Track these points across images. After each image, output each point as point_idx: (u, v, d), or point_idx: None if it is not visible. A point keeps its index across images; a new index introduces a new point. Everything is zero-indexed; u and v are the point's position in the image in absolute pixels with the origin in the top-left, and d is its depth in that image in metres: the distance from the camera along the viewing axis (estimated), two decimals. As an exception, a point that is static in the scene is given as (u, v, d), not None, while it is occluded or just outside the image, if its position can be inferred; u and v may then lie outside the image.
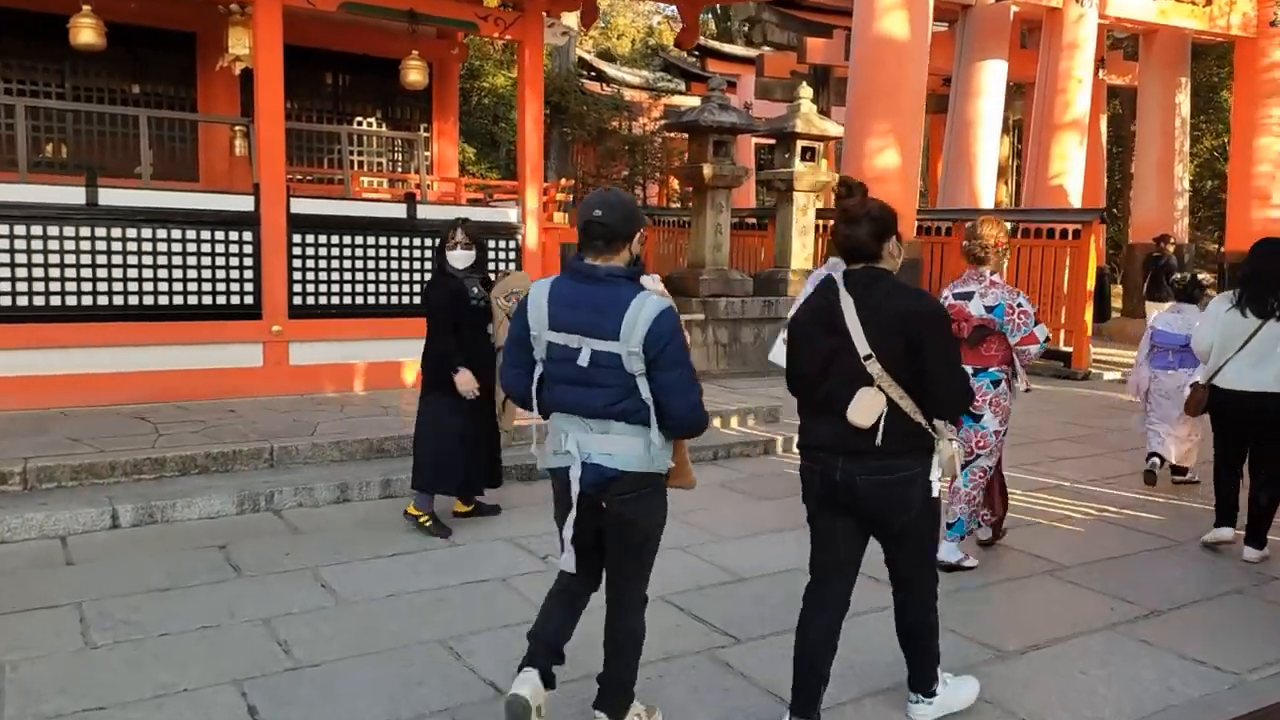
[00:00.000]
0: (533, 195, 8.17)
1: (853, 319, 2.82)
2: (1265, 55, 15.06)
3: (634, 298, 2.70)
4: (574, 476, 2.78)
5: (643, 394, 2.72)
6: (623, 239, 2.79)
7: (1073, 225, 12.25)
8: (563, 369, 2.78)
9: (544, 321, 2.78)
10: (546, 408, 2.87)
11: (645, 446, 2.76)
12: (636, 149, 23.80)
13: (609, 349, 2.70)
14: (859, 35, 10.68)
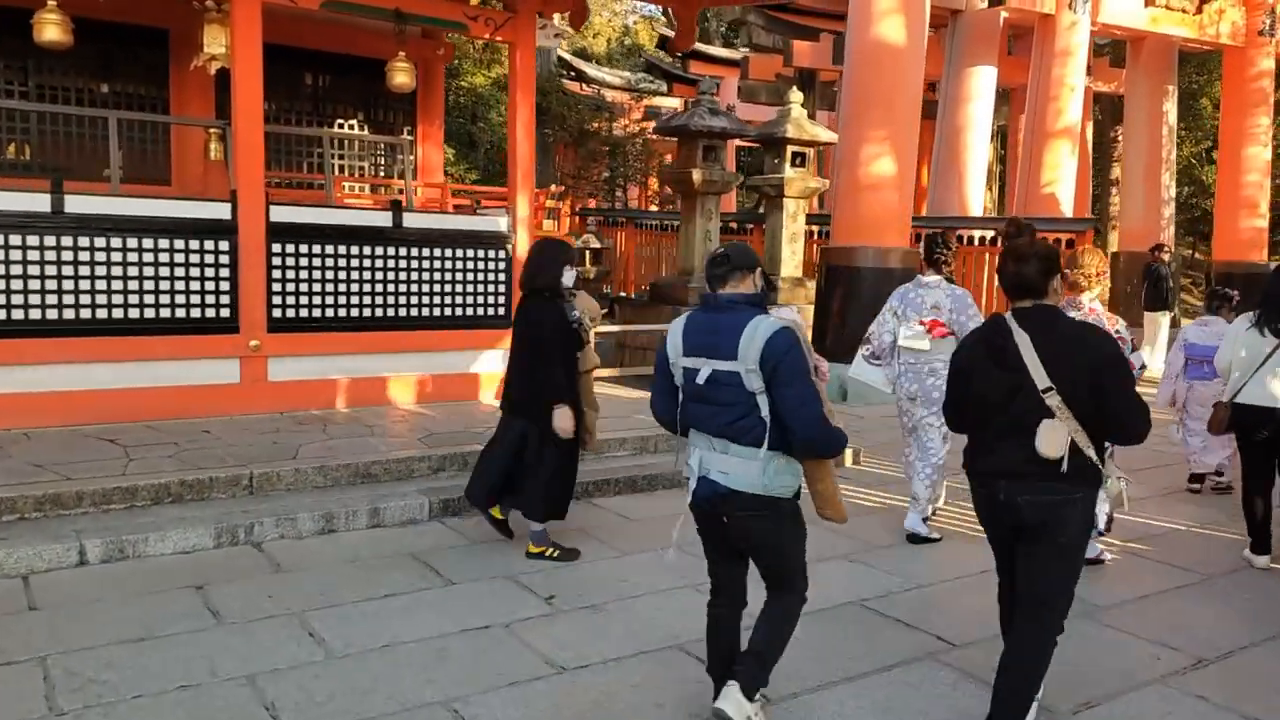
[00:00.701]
0: (524, 202, 7.85)
1: (1030, 354, 2.97)
2: (1253, 64, 15.02)
3: (751, 319, 2.93)
4: (690, 489, 3.09)
5: (761, 412, 2.91)
6: (743, 269, 3.04)
7: (1066, 234, 12.10)
8: (694, 389, 3.03)
9: (679, 349, 3.07)
10: (684, 427, 3.14)
11: (761, 468, 2.93)
12: (618, 150, 23.51)
13: (728, 368, 2.92)
14: (854, 39, 10.43)
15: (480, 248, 7.73)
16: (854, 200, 10.40)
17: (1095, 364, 2.94)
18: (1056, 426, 2.92)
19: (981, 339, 3.19)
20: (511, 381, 5.06)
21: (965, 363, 3.23)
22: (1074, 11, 13.17)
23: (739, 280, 3.03)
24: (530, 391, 4.88)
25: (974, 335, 3.28)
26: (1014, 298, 3.10)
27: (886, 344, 5.67)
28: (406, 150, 9.12)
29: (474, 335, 7.74)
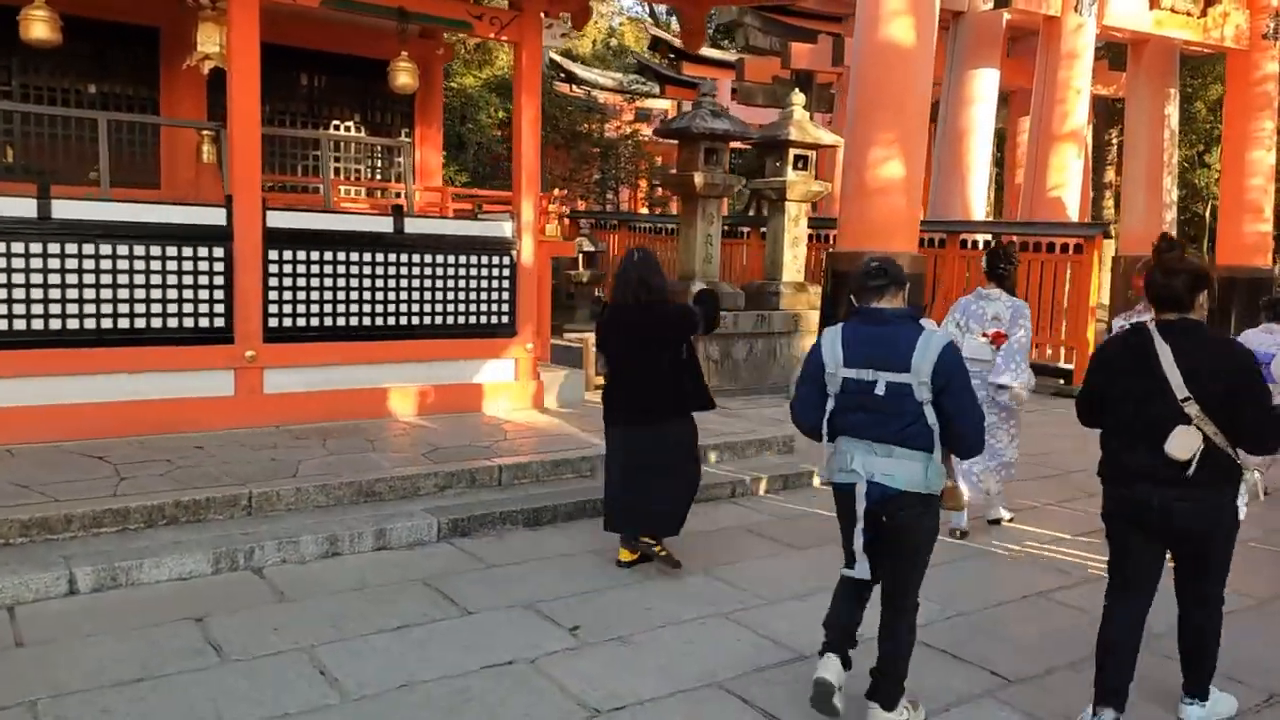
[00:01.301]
0: (528, 207, 7.59)
1: (1169, 365, 3.13)
2: (1258, 68, 14.91)
3: (919, 335, 3.14)
4: (859, 493, 3.20)
5: (928, 420, 3.13)
6: (897, 284, 3.25)
7: (1075, 239, 11.93)
8: (856, 399, 3.20)
9: (839, 360, 3.23)
10: (835, 433, 3.30)
11: (924, 470, 3.15)
12: (609, 152, 23.26)
13: (901, 380, 3.12)
14: (862, 41, 10.23)
15: (484, 254, 7.46)
16: (862, 204, 10.20)
17: (1233, 379, 3.13)
18: (1190, 432, 3.11)
19: (1124, 346, 3.35)
20: (641, 392, 4.85)
21: (1106, 365, 3.40)
22: (1080, 14, 13.02)
23: (893, 295, 3.25)
24: (676, 399, 4.84)
25: (1117, 341, 3.44)
26: (1160, 310, 3.27)
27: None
28: (406, 153, 8.84)
29: (478, 345, 7.47)
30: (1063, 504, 6.70)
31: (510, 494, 5.97)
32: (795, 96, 12.47)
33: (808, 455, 7.44)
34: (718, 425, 7.94)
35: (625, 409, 4.89)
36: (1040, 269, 12.18)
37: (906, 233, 10.30)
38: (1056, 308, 12.10)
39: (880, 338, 3.17)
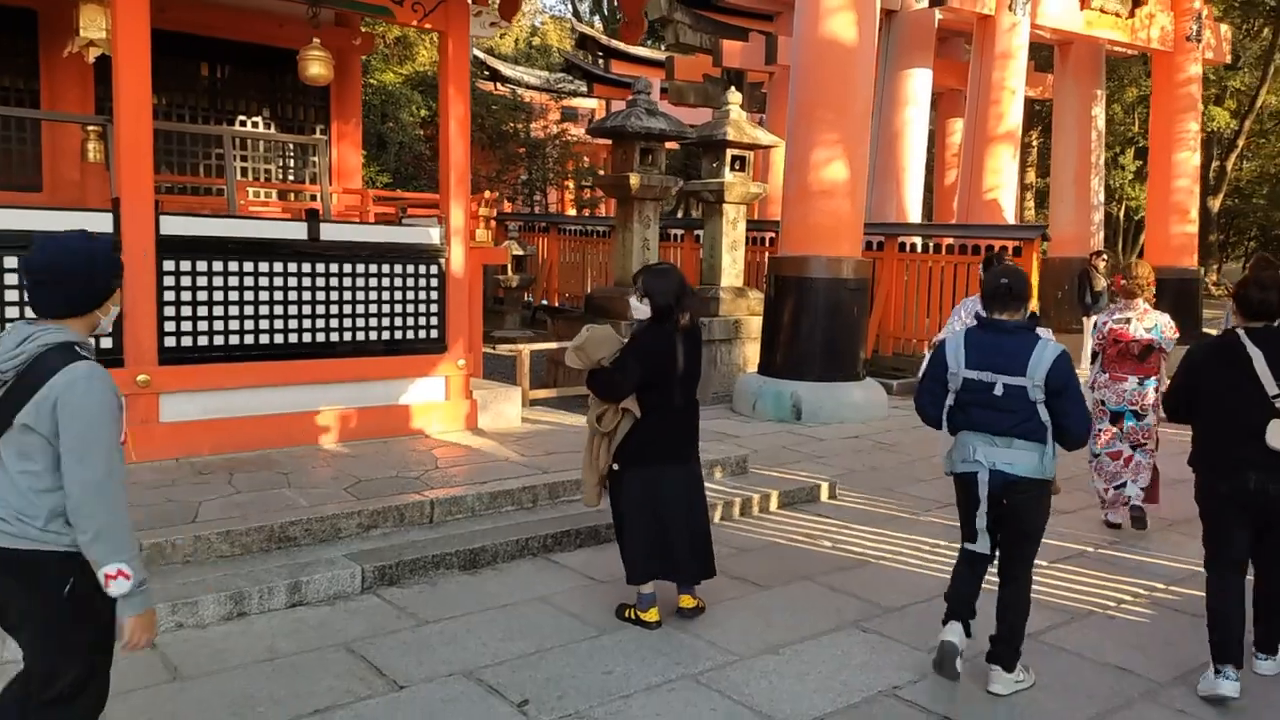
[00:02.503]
0: (458, 211, 6.96)
1: (1262, 366, 3.65)
2: (1182, 70, 15.03)
3: (1036, 344, 3.60)
4: (981, 480, 3.66)
5: (1042, 418, 3.59)
6: (1021, 300, 3.70)
7: (1013, 241, 11.76)
8: (977, 397, 3.67)
9: (961, 363, 3.70)
10: (956, 427, 3.76)
11: (1039, 459, 3.61)
12: (537, 152, 22.62)
13: (1017, 383, 3.59)
14: (802, 39, 9.83)
15: (410, 263, 6.81)
16: (805, 207, 9.80)
17: None
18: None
19: (1216, 349, 3.87)
20: (687, 427, 4.53)
21: (1199, 367, 3.92)
22: (1014, 13, 12.88)
23: (1016, 309, 3.71)
24: (695, 432, 4.57)
25: (1209, 345, 3.96)
26: (1250, 318, 3.79)
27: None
28: (321, 151, 8.09)
29: (404, 362, 6.82)
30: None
31: (444, 532, 5.36)
32: (732, 95, 12.06)
33: (763, 477, 6.99)
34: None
35: (669, 448, 4.44)
36: (978, 272, 11.97)
37: (851, 237, 9.94)
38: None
39: (1001, 345, 3.66)
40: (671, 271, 4.46)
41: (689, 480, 4.52)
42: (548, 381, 11.06)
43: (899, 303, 12.64)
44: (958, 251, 12.23)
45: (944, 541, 5.84)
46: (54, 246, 2.41)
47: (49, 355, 2.31)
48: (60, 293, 2.39)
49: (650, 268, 4.51)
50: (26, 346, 2.32)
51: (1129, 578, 5.24)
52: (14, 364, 2.32)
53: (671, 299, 4.29)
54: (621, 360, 4.35)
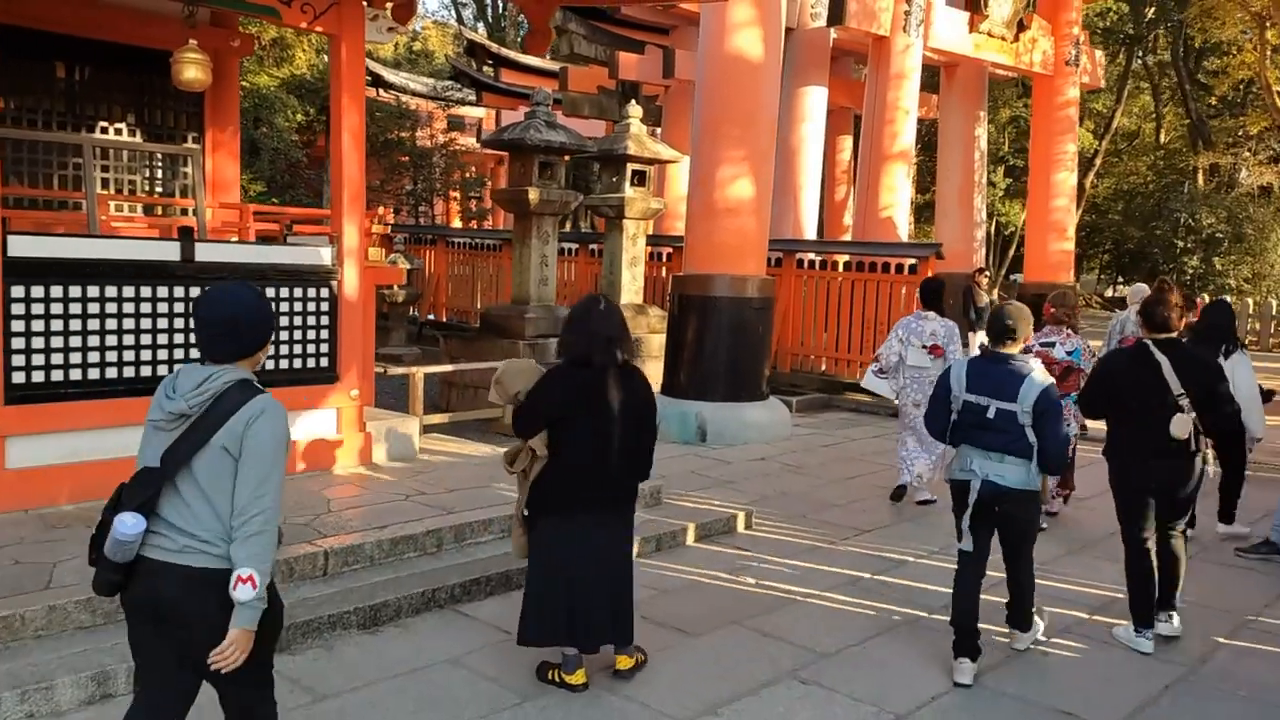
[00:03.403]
0: (352, 230, 6.44)
1: (1169, 370, 4.49)
2: (1061, 93, 15.60)
3: (1027, 376, 4.21)
4: (974, 487, 4.25)
5: (1029, 438, 4.17)
6: (1018, 337, 4.33)
7: (909, 259, 11.90)
8: (974, 418, 4.27)
9: (963, 387, 4.32)
10: (958, 442, 4.37)
11: (1027, 472, 4.22)
12: (423, 162, 21.91)
13: (1009, 408, 4.19)
14: (708, 53, 9.65)
15: (297, 285, 6.26)
16: (710, 225, 9.61)
17: (1203, 380, 4.57)
18: (1185, 419, 4.48)
19: (1132, 357, 4.70)
20: (615, 477, 4.06)
21: (1116, 372, 4.76)
22: (908, 34, 13.07)
23: (1013, 344, 4.35)
24: (635, 481, 4.20)
25: (1124, 354, 4.85)
26: (1155, 331, 4.64)
27: (893, 363, 7.31)
28: (195, 162, 7.39)
29: (291, 394, 6.18)
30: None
31: (340, 586, 4.87)
32: (632, 109, 11.83)
33: (677, 507, 6.71)
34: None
35: (580, 496, 4.00)
36: (876, 289, 12.07)
37: (757, 255, 9.81)
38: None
39: (999, 375, 4.28)
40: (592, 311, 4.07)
41: (608, 535, 4.06)
42: (441, 405, 10.55)
43: (797, 319, 12.63)
44: (855, 268, 12.31)
45: (867, 573, 5.69)
46: (230, 300, 2.69)
47: (232, 391, 2.61)
48: (236, 342, 2.68)
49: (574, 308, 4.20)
50: (210, 385, 2.61)
51: (1053, 608, 5.16)
52: (200, 400, 2.60)
53: (584, 347, 3.97)
54: (528, 394, 4.08)
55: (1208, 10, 23.14)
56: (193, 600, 2.58)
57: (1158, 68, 32.55)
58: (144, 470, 2.61)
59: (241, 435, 2.58)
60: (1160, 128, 34.15)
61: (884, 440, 10.07)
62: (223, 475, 2.59)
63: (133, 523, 2.53)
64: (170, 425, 2.62)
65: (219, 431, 2.57)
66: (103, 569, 2.60)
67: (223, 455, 2.57)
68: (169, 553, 2.58)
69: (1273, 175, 26.75)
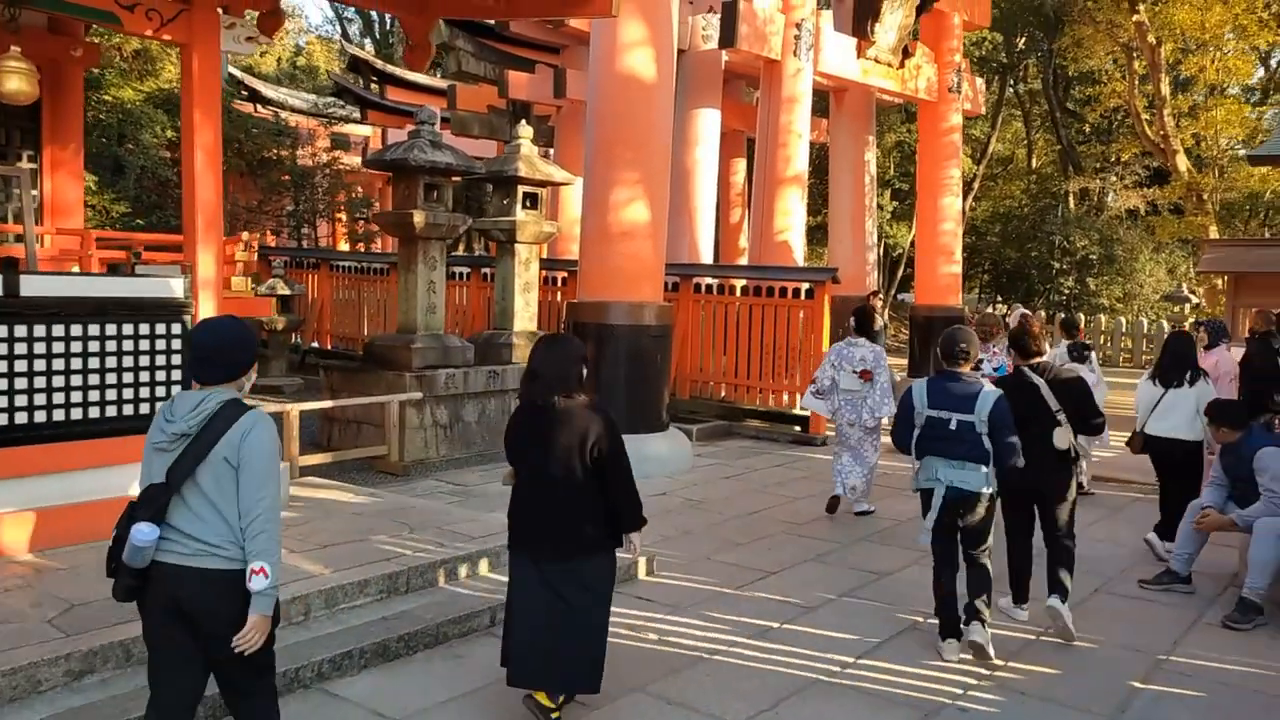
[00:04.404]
0: (208, 257, 5.82)
1: (1046, 391, 5.26)
2: (945, 119, 15.88)
3: (981, 391, 4.85)
4: (938, 493, 4.85)
5: (985, 446, 4.79)
6: (970, 357, 4.98)
7: (806, 284, 11.79)
8: (937, 430, 4.87)
9: (925, 404, 4.91)
10: (921, 453, 4.95)
11: (984, 478, 4.81)
12: (305, 182, 20.93)
13: (967, 419, 4.80)
14: (599, 73, 9.33)
15: (143, 321, 5.58)
16: (605, 250, 9.26)
17: (1074, 394, 5.31)
18: (1066, 431, 5.18)
19: (1013, 383, 5.32)
20: (552, 516, 3.91)
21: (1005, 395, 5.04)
22: (799, 58, 13.04)
23: (966, 363, 4.91)
24: (593, 524, 3.92)
25: (1008, 380, 5.42)
26: (1025, 358, 5.41)
27: (827, 386, 7.95)
28: (26, 184, 6.61)
29: (132, 445, 5.55)
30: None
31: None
32: (523, 129, 11.41)
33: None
34: (461, 516, 6.58)
35: (525, 531, 4.02)
36: (774, 314, 11.92)
37: (654, 281, 9.50)
38: (791, 353, 11.88)
39: (956, 391, 4.83)
40: (534, 348, 4.09)
41: (546, 581, 3.92)
42: (321, 443, 9.84)
43: (696, 345, 12.38)
44: (753, 293, 12.14)
45: (775, 623, 5.37)
46: (218, 329, 3.14)
47: (225, 409, 2.95)
48: (223, 367, 3.04)
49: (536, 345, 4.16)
50: (205, 405, 2.95)
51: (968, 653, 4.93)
52: (198, 419, 2.94)
53: (523, 386, 4.06)
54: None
55: (1078, 40, 24.16)
56: (207, 598, 2.95)
57: (1029, 96, 33.95)
58: (151, 486, 2.98)
59: (239, 446, 2.94)
60: (1032, 153, 35.59)
61: (786, 470, 9.87)
62: (225, 483, 2.95)
63: (148, 530, 2.89)
64: (172, 445, 2.97)
65: (218, 445, 2.93)
66: (122, 576, 2.96)
67: (224, 466, 2.93)
68: (183, 556, 2.94)
69: (1139, 199, 28.06)
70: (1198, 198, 22.09)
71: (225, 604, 2.94)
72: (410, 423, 9.28)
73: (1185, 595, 6.02)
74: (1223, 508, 5.99)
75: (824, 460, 10.34)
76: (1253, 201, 29.19)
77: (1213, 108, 22.80)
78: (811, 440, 11.43)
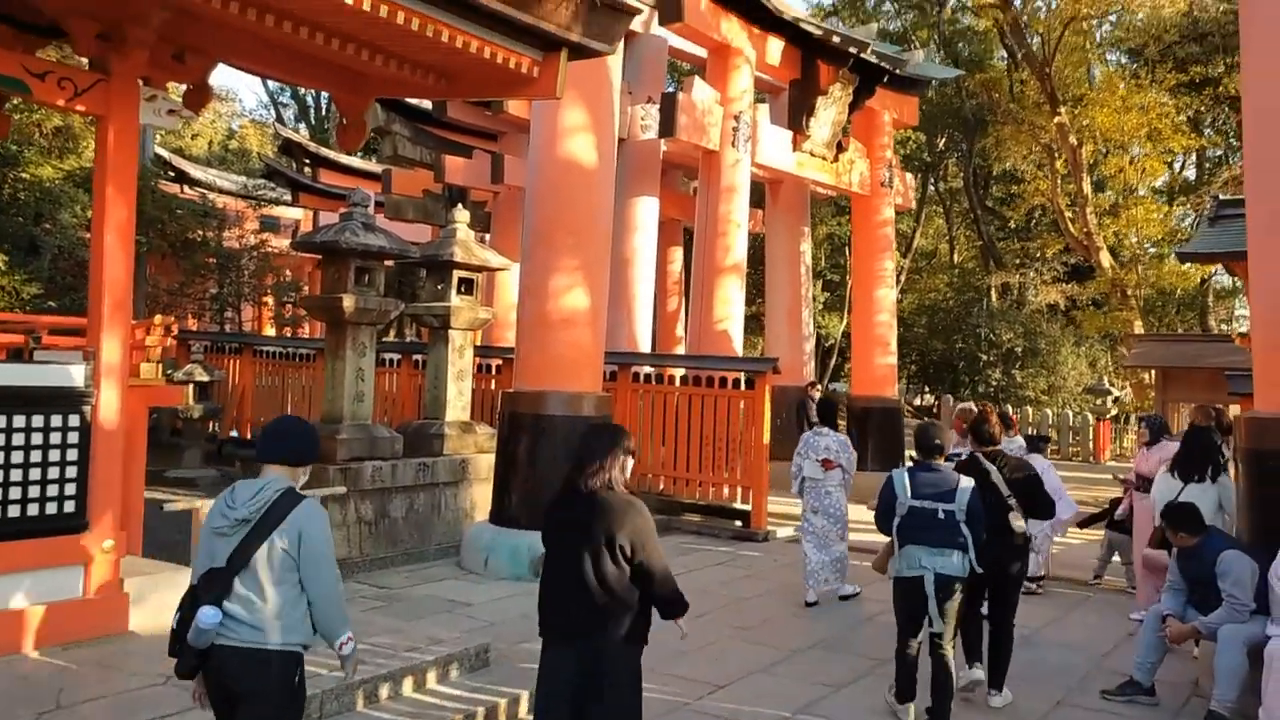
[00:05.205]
0: (113, 344, 5.34)
1: (998, 477, 5.70)
2: (878, 212, 16.14)
3: (960, 482, 5.23)
4: (928, 580, 5.12)
5: (964, 532, 5.12)
6: (944, 450, 5.45)
7: (746, 374, 11.62)
8: (920, 520, 5.18)
9: (908, 493, 5.22)
10: (903, 541, 5.24)
11: (964, 563, 5.14)
12: (230, 264, 20.33)
13: (950, 508, 5.13)
14: (539, 159, 9.17)
15: (38, 412, 5.07)
16: (543, 338, 8.96)
17: (1026, 482, 5.75)
18: (1019, 514, 5.65)
19: (968, 468, 5.69)
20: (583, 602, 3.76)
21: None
22: (737, 149, 13.15)
23: (940, 455, 5.39)
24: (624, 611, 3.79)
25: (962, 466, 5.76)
26: (982, 445, 5.93)
27: (794, 474, 8.24)
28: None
29: (21, 549, 4.99)
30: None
31: None
32: (459, 214, 11.17)
33: (508, 670, 5.76)
34: (384, 626, 6.04)
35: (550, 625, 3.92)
36: (714, 404, 11.70)
37: (593, 370, 9.21)
38: (731, 445, 11.64)
39: (937, 482, 5.21)
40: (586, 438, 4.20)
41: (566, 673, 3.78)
42: (235, 541, 9.19)
43: (634, 436, 12.04)
44: (692, 383, 11.92)
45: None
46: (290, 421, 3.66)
47: (282, 498, 3.24)
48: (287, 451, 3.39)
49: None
50: (263, 494, 3.24)
51: None
52: (257, 506, 3.21)
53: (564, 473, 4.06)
54: None
55: (999, 140, 25.12)
56: (259, 677, 3.15)
57: (949, 193, 35.18)
58: (211, 570, 3.17)
59: (296, 535, 3.18)
60: (954, 248, 36.71)
61: (728, 568, 9.51)
62: (280, 569, 3.17)
63: (211, 614, 3.07)
64: (232, 530, 3.18)
65: (275, 532, 3.16)
66: (185, 656, 3.15)
67: (280, 553, 3.16)
68: (238, 639, 3.13)
69: (1057, 294, 28.94)
70: (1121, 293, 22.83)
71: (272, 684, 3.16)
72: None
73: (1150, 707, 5.78)
74: (1182, 613, 5.80)
75: (768, 557, 10.01)
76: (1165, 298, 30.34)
77: (1132, 206, 23.74)
78: (753, 536, 11.11)
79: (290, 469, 3.35)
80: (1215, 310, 31.98)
